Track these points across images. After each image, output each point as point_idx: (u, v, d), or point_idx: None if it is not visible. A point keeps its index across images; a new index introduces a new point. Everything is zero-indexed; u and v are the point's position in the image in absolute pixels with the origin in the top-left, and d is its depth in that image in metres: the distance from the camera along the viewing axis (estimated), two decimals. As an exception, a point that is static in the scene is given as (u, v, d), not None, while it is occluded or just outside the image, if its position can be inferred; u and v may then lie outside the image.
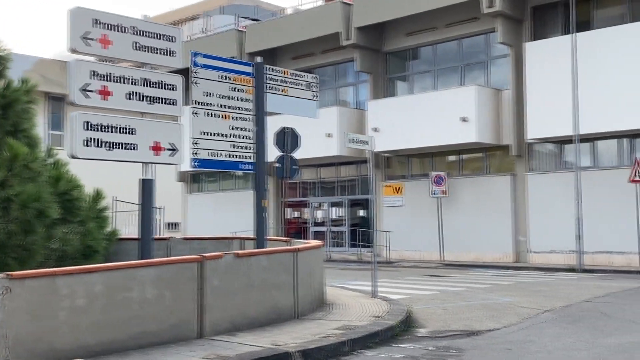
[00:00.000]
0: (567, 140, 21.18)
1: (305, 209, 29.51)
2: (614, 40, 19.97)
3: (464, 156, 24.76)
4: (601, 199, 20.51)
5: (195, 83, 10.16)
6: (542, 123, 21.26)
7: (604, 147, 21.25)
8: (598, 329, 9.25)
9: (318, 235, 27.60)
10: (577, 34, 20.34)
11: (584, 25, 21.21)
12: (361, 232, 26.62)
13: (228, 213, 29.82)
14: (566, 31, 21.16)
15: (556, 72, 20.79)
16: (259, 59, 11.19)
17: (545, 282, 15.85)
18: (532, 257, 22.11)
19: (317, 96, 11.91)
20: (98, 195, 11.87)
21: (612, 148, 21.11)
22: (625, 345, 8.01)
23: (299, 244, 11.21)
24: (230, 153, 10.51)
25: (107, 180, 16.91)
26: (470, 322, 9.86)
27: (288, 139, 12.69)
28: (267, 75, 11.08)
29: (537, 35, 22.54)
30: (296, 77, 11.60)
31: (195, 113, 10.16)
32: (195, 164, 10.19)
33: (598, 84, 20.00)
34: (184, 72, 10.09)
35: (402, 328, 9.19)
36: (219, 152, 10.37)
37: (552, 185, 21.75)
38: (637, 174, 19.09)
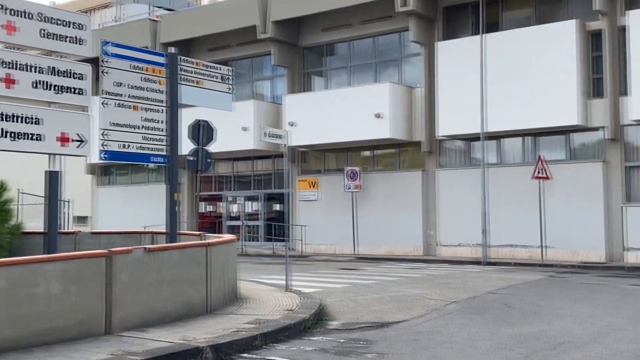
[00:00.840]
0: (475, 138, 21.89)
1: (220, 203, 29.26)
2: (520, 41, 20.78)
3: (378, 152, 25.19)
4: (506, 194, 21.33)
5: (105, 72, 9.88)
6: (451, 120, 21.90)
7: (509, 144, 22.10)
8: (501, 319, 9.63)
9: (233, 230, 27.44)
10: (486, 34, 21.05)
11: (493, 26, 21.98)
12: (276, 227, 26.68)
13: (140, 207, 29.20)
14: (476, 32, 21.86)
15: (466, 71, 21.44)
16: (172, 50, 11.00)
17: (452, 275, 16.36)
18: (441, 250, 22.76)
19: (232, 89, 11.82)
20: (1, 187, 11.40)
21: (517, 146, 21.96)
22: (525, 335, 8.38)
23: (212, 238, 11.13)
24: (142, 145, 10.28)
25: (12, 172, 16.25)
26: (380, 314, 10.07)
27: (203, 131, 12.59)
28: (181, 67, 10.90)
29: (448, 35, 23.17)
30: (211, 69, 11.47)
31: (105, 103, 9.88)
32: (105, 156, 9.91)
33: (505, 83, 20.76)
34: (94, 62, 9.81)
35: (314, 321, 9.29)
36: (130, 144, 10.13)
37: (461, 181, 22.44)
38: (540, 171, 19.95)
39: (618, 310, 10.32)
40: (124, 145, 10.06)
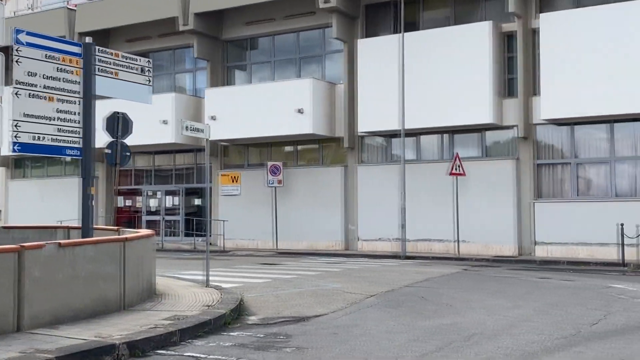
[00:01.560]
0: (394, 134, 22.30)
1: (139, 198, 28.67)
2: (438, 41, 21.28)
3: (300, 147, 25.27)
4: (424, 190, 21.83)
5: (18, 62, 9.50)
6: (372, 117, 22.23)
7: (427, 141, 22.61)
8: (417, 312, 9.87)
9: (151, 225, 26.96)
10: (405, 33, 21.45)
11: (412, 25, 22.42)
12: (196, 222, 26.38)
13: (55, 201, 28.27)
14: (396, 30, 22.25)
15: (386, 69, 21.80)
16: (88, 40, 10.69)
17: (371, 269, 16.62)
18: (361, 244, 23.08)
19: (150, 81, 11.60)
20: None
21: (434, 143, 22.50)
22: (440, 327, 8.62)
23: (129, 233, 10.91)
24: (56, 137, 9.95)
25: None
26: (300, 309, 10.14)
27: (119, 124, 12.28)
28: (97, 57, 10.61)
29: (369, 33, 23.49)
30: (129, 60, 11.22)
31: (17, 94, 9.50)
32: (16, 148, 9.55)
33: (423, 81, 21.23)
34: (6, 50, 9.43)
35: (234, 316, 9.26)
36: (43, 135, 9.78)
37: (381, 177, 22.81)
38: (456, 168, 20.53)
39: (527, 302, 10.74)
40: (36, 137, 9.72)
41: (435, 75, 21.12)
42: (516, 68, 20.68)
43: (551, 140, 20.64)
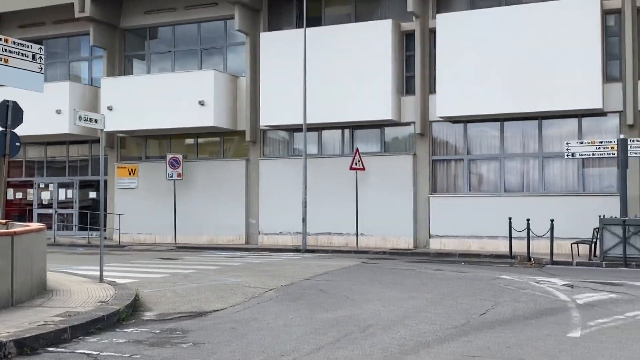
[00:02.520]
0: (297, 129, 22.43)
1: (30, 190, 27.46)
2: (340, 37, 21.56)
3: (201, 140, 24.96)
4: (325, 184, 22.09)
5: None
6: (275, 111, 22.26)
7: (329, 136, 22.88)
8: (316, 305, 9.99)
9: (44, 218, 25.87)
10: (308, 28, 21.59)
11: (316, 20, 22.59)
12: (91, 215, 25.56)
13: (-63, 193, 26.60)
14: (299, 25, 22.35)
15: (289, 63, 21.87)
16: (-25, 24, 10.13)
17: (272, 263, 16.67)
18: (262, 238, 23.09)
19: (42, 68, 11.15)
20: None
21: (336, 138, 22.80)
22: (338, 319, 8.76)
23: (18, 227, 10.44)
24: (-62, 126, 9.39)
25: None
26: (198, 304, 10.04)
27: (9, 113, 11.74)
28: (-15, 43, 10.09)
29: (272, 26, 23.48)
30: (19, 47, 10.74)
31: None
32: None
33: (325, 77, 21.45)
34: None
35: (129, 312, 9.05)
36: None
37: (283, 171, 22.89)
38: (356, 163, 20.89)
39: (421, 293, 11.09)
40: None
41: (338, 71, 21.39)
42: (415, 66, 21.25)
43: (446, 137, 21.37)
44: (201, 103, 22.42)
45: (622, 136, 17.46)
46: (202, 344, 7.33)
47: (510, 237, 18.57)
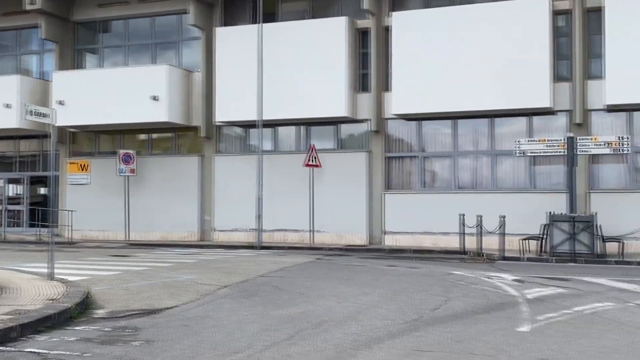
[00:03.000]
0: (252, 125, 22.34)
1: (-23, 186, 26.75)
2: (296, 33, 21.54)
3: (154, 135, 24.67)
4: (280, 181, 22.07)
5: None
6: (230, 107, 22.13)
7: (284, 132, 22.86)
8: (270, 301, 9.99)
9: (-9, 215, 25.24)
10: (264, 24, 21.52)
11: (271, 16, 22.53)
12: (42, 212, 25.04)
13: None
14: (254, 20, 22.24)
15: (244, 59, 21.77)
16: None
17: (226, 260, 16.59)
18: (217, 235, 22.96)
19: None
20: None
21: (291, 134, 22.78)
22: (292, 316, 8.79)
23: (-36, 224, 10.17)
24: None
25: None
26: (151, 301, 9.94)
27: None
28: None
29: (227, 22, 23.33)
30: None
31: None
32: None
33: (281, 73, 21.41)
34: None
35: (80, 310, 8.92)
36: None
37: (238, 167, 22.79)
38: (311, 159, 20.93)
39: (375, 289, 11.19)
40: None
41: (294, 67, 21.37)
42: (369, 64, 21.37)
43: (401, 135, 21.56)
44: (154, 98, 22.15)
45: (570, 135, 17.88)
46: (154, 342, 7.27)
47: (463, 234, 18.87)
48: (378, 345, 7.09)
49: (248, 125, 22.75)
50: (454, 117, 20.66)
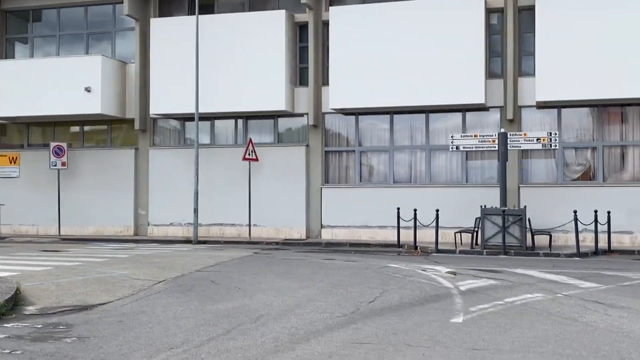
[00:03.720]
0: (189, 118, 22.08)
1: None
2: (233, 26, 21.35)
3: (88, 127, 24.07)
4: (218, 175, 21.90)
5: None
6: (165, 99, 21.79)
7: (222, 126, 22.65)
8: (207, 296, 9.90)
9: None
10: (201, 16, 21.26)
11: (208, 8, 22.28)
12: (-32, 206, 24.12)
13: None
14: (191, 12, 21.95)
15: (180, 51, 21.48)
16: None
17: (162, 254, 16.36)
18: (152, 230, 22.60)
19: None
20: None
21: (229, 127, 22.60)
22: (229, 310, 8.73)
23: None
24: None
25: None
26: (84, 297, 9.72)
27: None
28: None
29: (163, 12, 22.94)
30: None
31: None
32: None
33: (219, 66, 21.22)
34: None
35: (9, 307, 8.64)
36: None
37: (174, 161, 22.48)
38: (249, 153, 20.82)
39: (313, 282, 11.24)
40: None
41: (232, 60, 21.21)
42: (308, 58, 21.39)
43: (339, 129, 21.67)
44: (88, 89, 21.63)
45: (502, 130, 18.33)
46: (88, 339, 7.11)
47: (399, 227, 19.14)
48: (317, 338, 7.12)
49: (185, 118, 22.46)
50: (391, 112, 20.91)
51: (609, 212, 17.87)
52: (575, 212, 17.13)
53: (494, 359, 6.24)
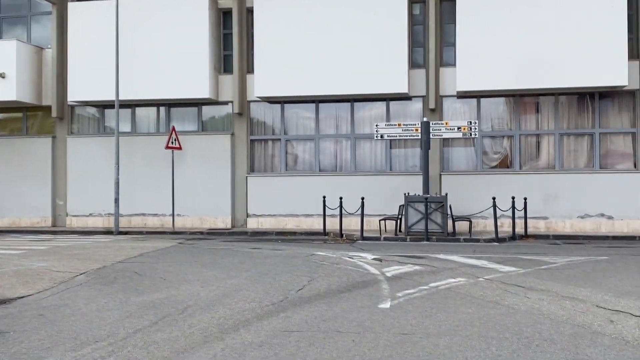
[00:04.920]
0: (109, 105, 21.47)
1: None
2: (156, 11, 20.85)
3: (2, 115, 23.07)
4: (140, 164, 21.42)
5: None
6: (84, 86, 21.12)
7: (144, 114, 22.15)
8: (131, 288, 9.68)
9: None
10: (121, 0, 20.66)
11: (129, -7, 21.65)
12: None
13: None
14: (111, -4, 21.31)
15: (100, 36, 20.84)
16: None
17: (82, 246, 15.88)
18: (71, 220, 21.92)
19: None
20: None
21: (151, 115, 22.12)
22: (155, 302, 8.57)
23: None
24: None
25: None
26: (1, 291, 9.33)
27: None
28: None
29: (82, -4, 22.19)
30: None
31: None
32: None
33: (140, 52, 20.71)
34: None
35: None
36: None
37: (94, 150, 21.84)
38: (172, 141, 20.44)
39: (240, 272, 11.16)
40: None
41: (154, 45, 20.73)
42: (232, 45, 21.15)
43: (264, 117, 21.56)
44: (2, 75, 20.72)
45: (425, 119, 18.68)
46: (7, 333, 6.83)
47: (324, 215, 19.25)
48: (246, 327, 7.08)
49: (104, 105, 21.84)
50: (316, 100, 20.95)
51: (525, 199, 18.52)
52: (494, 198, 17.67)
53: (422, 343, 6.37)
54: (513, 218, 17.84)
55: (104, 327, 7.15)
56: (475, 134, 18.42)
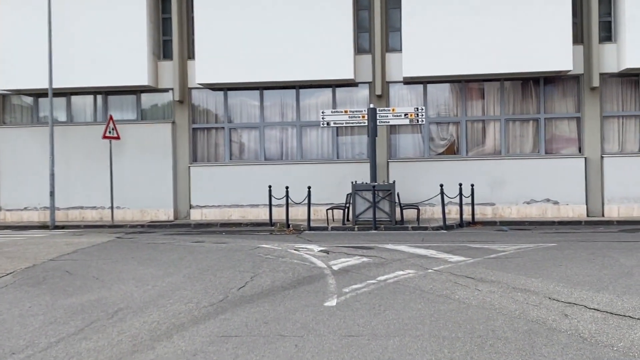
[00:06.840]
0: (42, 94, 20.45)
1: None
2: (90, -5, 19.94)
3: None
4: (77, 155, 20.49)
5: None
6: (16, 73, 20.05)
7: (80, 102, 21.17)
8: (60, 289, 9.02)
9: None
10: (53, -17, 19.68)
11: (61, -25, 20.61)
12: None
13: None
14: (42, -21, 20.23)
15: (31, 20, 19.78)
16: None
17: (13, 242, 15.01)
18: (4, 215, 20.87)
19: None
20: None
21: (88, 104, 21.17)
22: (84, 305, 7.95)
23: None
24: None
25: None
26: None
27: None
28: None
29: (11, -22, 21.00)
30: None
31: None
32: None
33: (75, 38, 19.75)
34: None
35: None
36: None
37: (27, 140, 20.81)
38: (110, 131, 19.58)
39: (179, 269, 10.58)
40: None
41: (88, 31, 19.78)
42: (172, 30, 20.36)
43: (207, 105, 20.86)
44: None
45: (371, 106, 18.31)
46: None
47: (270, 205, 18.73)
48: (180, 333, 6.54)
49: (38, 94, 20.79)
50: (261, 87, 20.36)
51: (472, 185, 18.36)
52: (441, 185, 17.44)
53: (370, 346, 5.95)
54: (460, 205, 17.66)
55: (24, 336, 6.52)
56: (422, 121, 18.14)
